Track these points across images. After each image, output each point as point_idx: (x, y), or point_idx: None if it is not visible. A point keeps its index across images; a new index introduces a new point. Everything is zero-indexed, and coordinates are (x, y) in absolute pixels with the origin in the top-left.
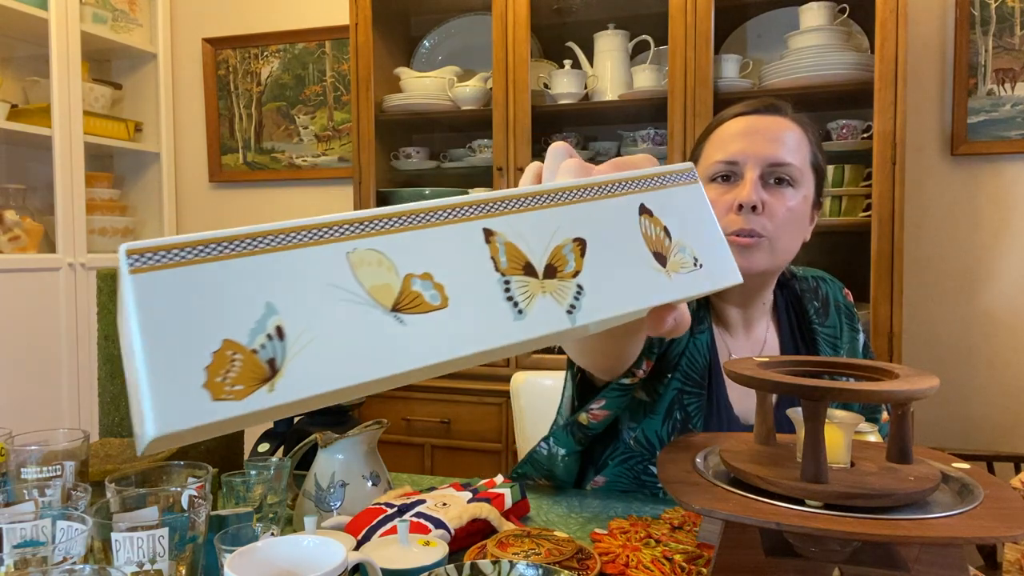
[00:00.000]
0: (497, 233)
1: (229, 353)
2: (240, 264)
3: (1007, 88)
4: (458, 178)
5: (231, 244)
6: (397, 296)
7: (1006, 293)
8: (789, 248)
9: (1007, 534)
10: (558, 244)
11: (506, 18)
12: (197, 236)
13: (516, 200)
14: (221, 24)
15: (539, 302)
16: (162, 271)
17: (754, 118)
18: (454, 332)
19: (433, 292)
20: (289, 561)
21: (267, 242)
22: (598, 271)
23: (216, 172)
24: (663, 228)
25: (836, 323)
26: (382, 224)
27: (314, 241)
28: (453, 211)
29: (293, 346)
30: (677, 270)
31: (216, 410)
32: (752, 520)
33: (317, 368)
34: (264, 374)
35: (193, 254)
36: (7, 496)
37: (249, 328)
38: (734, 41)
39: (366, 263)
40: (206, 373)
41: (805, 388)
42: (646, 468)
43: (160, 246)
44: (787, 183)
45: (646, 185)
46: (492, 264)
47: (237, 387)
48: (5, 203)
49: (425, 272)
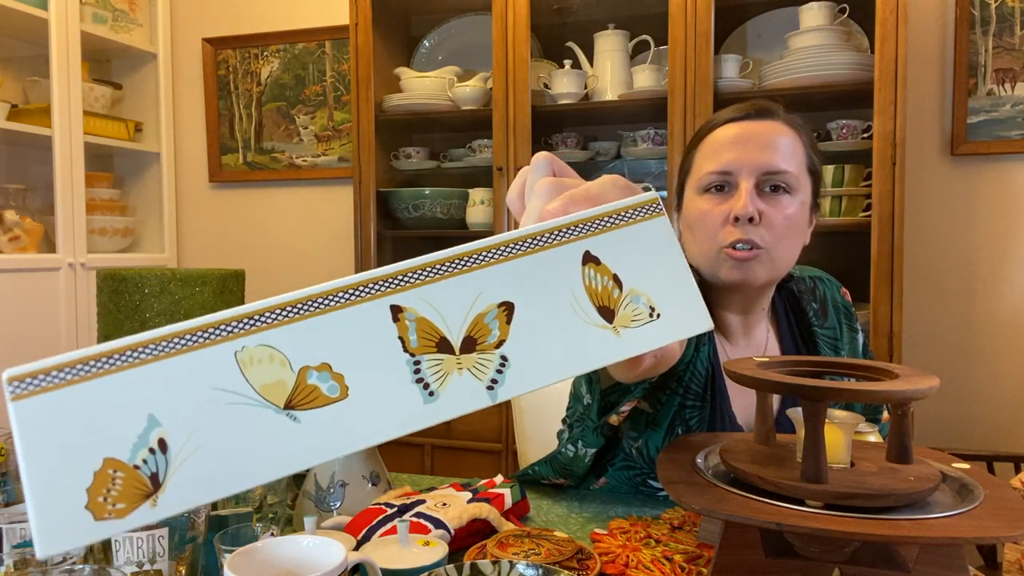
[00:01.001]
0: (407, 309)
1: (111, 471)
2: (121, 378)
3: (1007, 88)
4: (458, 178)
5: (112, 358)
6: (291, 392)
7: (1006, 293)
8: (789, 257)
9: (1007, 534)
10: (480, 312)
11: (506, 18)
12: (78, 354)
13: (430, 268)
14: (221, 24)
15: (454, 381)
16: (41, 395)
17: (746, 124)
18: (353, 425)
19: (331, 384)
20: (289, 561)
21: (150, 351)
22: (527, 338)
23: (216, 172)
24: (611, 276)
25: (835, 324)
26: (275, 316)
27: (200, 344)
28: (356, 291)
29: (176, 458)
30: (627, 324)
31: (99, 530)
32: (752, 520)
33: (201, 479)
34: (146, 490)
35: (73, 374)
36: (7, 496)
37: (131, 444)
38: (734, 41)
39: (256, 361)
40: (87, 494)
41: (805, 388)
42: (645, 481)
43: (40, 370)
44: (783, 190)
45: (595, 228)
46: (400, 344)
47: (119, 505)
48: (5, 203)
49: (323, 363)
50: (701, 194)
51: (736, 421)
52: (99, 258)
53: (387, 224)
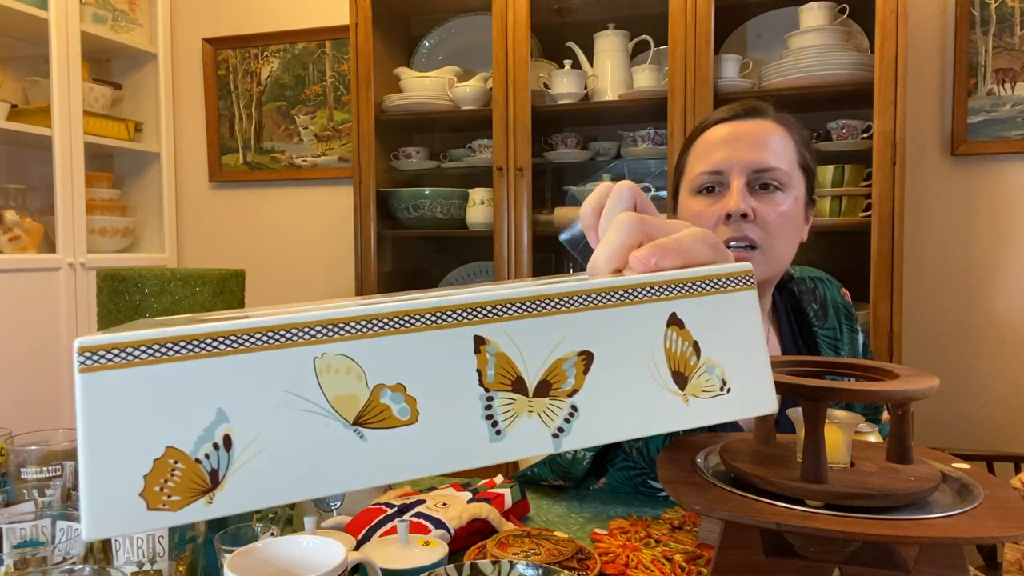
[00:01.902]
0: (489, 342)
1: (171, 462)
2: (196, 366)
3: (1007, 88)
4: (458, 178)
5: (191, 344)
6: (362, 408)
7: (1006, 293)
8: (785, 253)
9: (1007, 534)
10: (559, 357)
11: (506, 18)
12: (155, 333)
13: (519, 304)
14: (221, 24)
15: (522, 423)
16: (112, 372)
17: (736, 124)
18: (418, 452)
19: (403, 406)
20: (289, 561)
21: (230, 343)
22: (600, 391)
23: (216, 172)
24: (692, 343)
25: (835, 324)
26: (360, 327)
27: (281, 344)
28: (444, 315)
29: (239, 458)
30: (697, 394)
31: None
32: (752, 520)
33: (260, 483)
34: (204, 486)
35: (148, 354)
36: (7, 496)
37: (196, 436)
38: (734, 41)
39: (333, 370)
40: (144, 482)
41: (805, 388)
42: (645, 481)
43: (114, 344)
44: (775, 187)
45: (686, 290)
46: (477, 377)
47: (174, 498)
48: (5, 203)
49: (398, 383)
50: (694, 195)
51: (737, 422)
52: (99, 258)
53: (387, 224)
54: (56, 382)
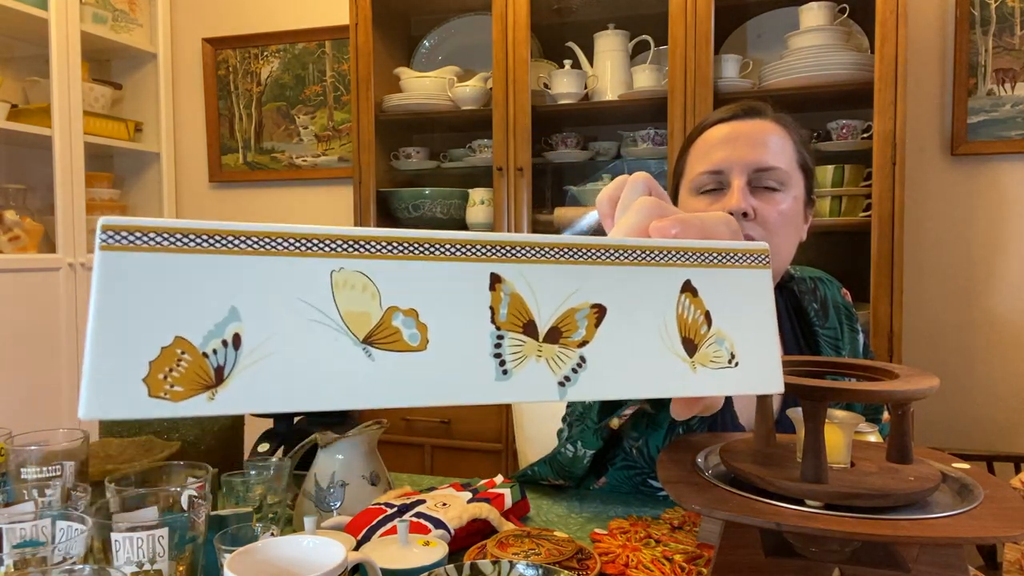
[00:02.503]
0: (505, 281)
1: (178, 351)
2: (214, 261)
3: (1007, 88)
4: (458, 178)
5: (212, 238)
6: (373, 328)
7: (1006, 293)
8: (786, 253)
9: (1007, 534)
10: (573, 307)
11: (506, 18)
12: (180, 223)
13: (538, 248)
14: (221, 24)
15: (530, 366)
16: (132, 253)
17: (735, 124)
18: (423, 380)
19: (414, 332)
20: (289, 561)
21: (252, 243)
22: (610, 346)
23: (216, 172)
24: (704, 312)
25: (836, 324)
26: (379, 247)
27: (300, 251)
28: (463, 247)
29: (246, 358)
30: (705, 363)
31: (149, 407)
32: (752, 520)
33: (264, 386)
34: (208, 381)
35: (170, 241)
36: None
37: (206, 330)
38: (734, 41)
39: (349, 286)
40: (149, 367)
41: (805, 388)
42: (645, 480)
43: (137, 227)
44: (775, 187)
45: (702, 259)
46: (489, 314)
47: (177, 388)
48: (5, 203)
49: (411, 308)
50: (695, 195)
51: (738, 421)
52: None
53: (387, 224)
54: (56, 382)
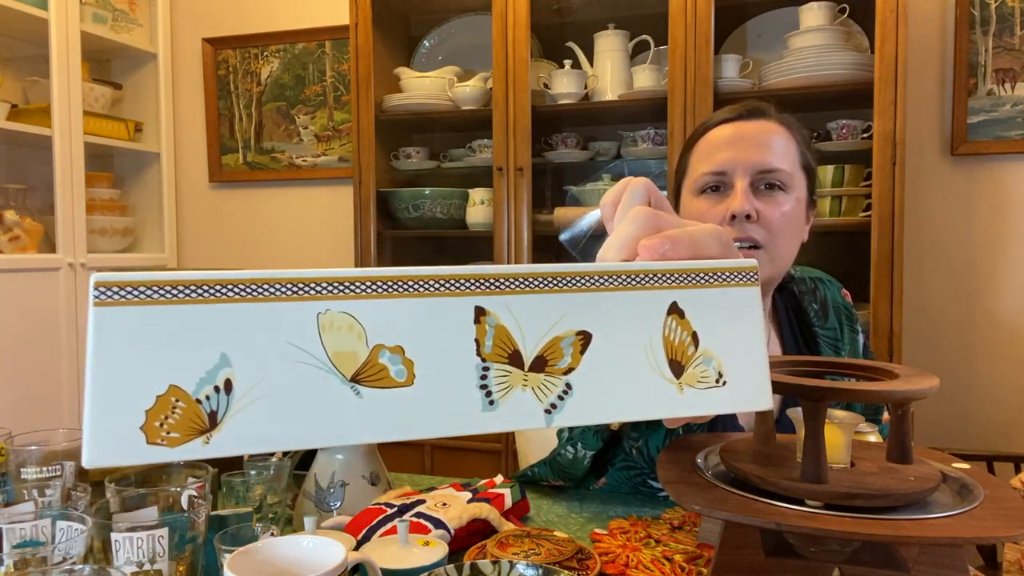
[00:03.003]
0: (490, 313)
1: (173, 399)
2: (204, 310)
3: (1007, 88)
4: (458, 178)
5: (201, 288)
6: (360, 366)
7: (1006, 293)
8: (788, 254)
9: (1007, 534)
10: (558, 335)
11: (506, 18)
12: (170, 275)
13: (522, 279)
14: (221, 24)
15: (516, 396)
16: (125, 308)
17: (739, 124)
18: (411, 414)
19: (400, 368)
20: (289, 561)
21: (239, 291)
22: (595, 371)
23: (216, 172)
24: (691, 333)
25: (836, 325)
26: (364, 288)
27: (287, 296)
28: (447, 283)
29: (238, 402)
30: (693, 384)
31: (147, 454)
32: (752, 520)
33: (256, 428)
34: (203, 426)
35: (160, 294)
36: (7, 496)
37: (199, 377)
38: (734, 41)
39: (336, 327)
40: (145, 416)
41: (805, 388)
42: (645, 481)
43: (129, 282)
44: (778, 188)
45: (689, 280)
46: (475, 347)
47: (173, 434)
48: (5, 203)
49: (397, 345)
50: (697, 195)
51: (738, 421)
52: (99, 258)
53: (387, 224)
54: (56, 382)
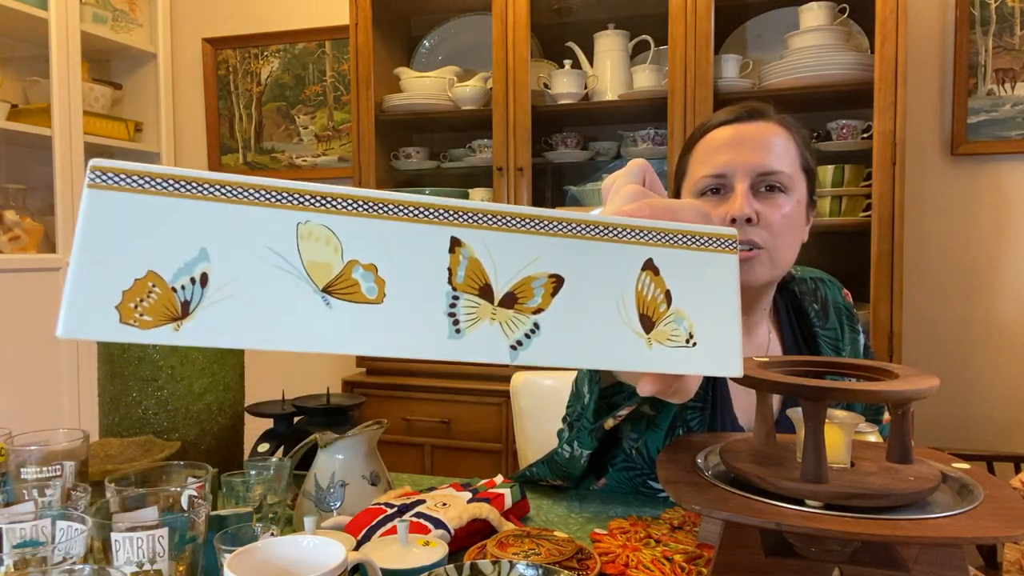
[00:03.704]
0: (465, 245)
1: (150, 284)
2: (189, 205)
3: (1007, 88)
4: (458, 178)
5: (191, 184)
6: (333, 278)
7: (1006, 293)
8: (788, 255)
9: (1007, 534)
10: (530, 275)
11: (506, 18)
12: (161, 169)
13: (501, 217)
14: (221, 24)
15: (483, 328)
16: (116, 192)
17: (738, 126)
18: (377, 331)
19: (372, 285)
20: (289, 561)
21: (224, 191)
22: (564, 315)
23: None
24: (664, 291)
25: (836, 325)
26: (345, 204)
27: (270, 203)
28: (427, 211)
29: (211, 296)
30: (662, 340)
31: (118, 332)
32: (752, 520)
33: (225, 323)
34: (175, 313)
35: (151, 184)
36: (7, 496)
37: (176, 267)
38: (734, 41)
39: (314, 238)
40: (122, 296)
41: (805, 388)
42: (645, 482)
43: (124, 169)
44: (779, 190)
45: (667, 240)
46: (447, 275)
47: (145, 317)
48: (5, 203)
49: (371, 263)
50: (697, 198)
51: (738, 422)
52: None
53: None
54: (56, 382)
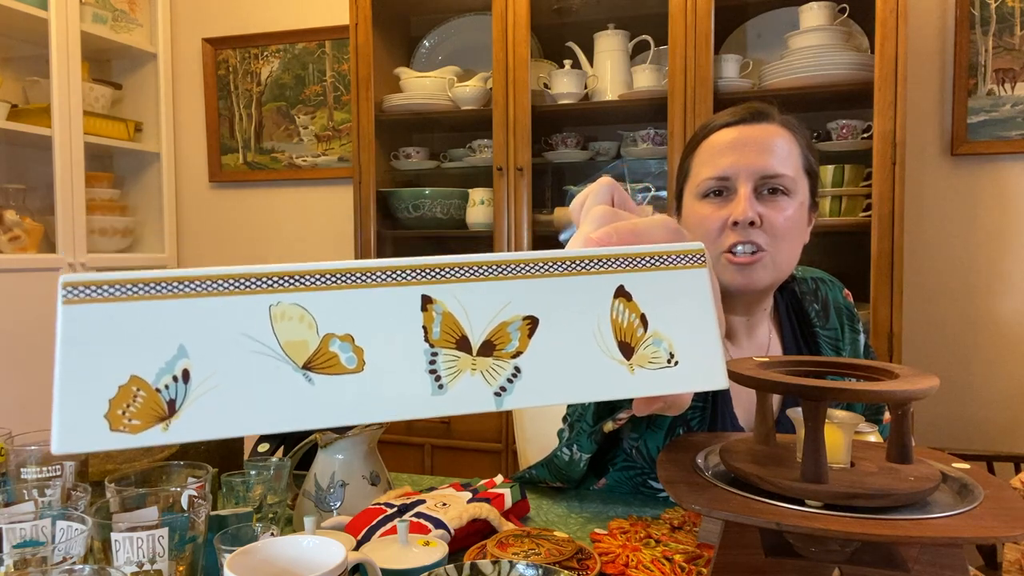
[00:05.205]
0: (436, 301)
1: (134, 389)
2: (163, 306)
3: (1007, 88)
4: (458, 178)
5: (159, 285)
6: (312, 354)
7: (1006, 293)
8: (791, 258)
9: (1007, 534)
10: (504, 320)
11: (506, 18)
12: (130, 275)
13: (466, 268)
14: (221, 24)
15: (465, 380)
16: (91, 305)
17: (741, 128)
18: (362, 399)
19: (350, 355)
20: (289, 561)
21: (195, 287)
22: (544, 355)
23: (216, 172)
24: (639, 316)
25: (836, 325)
26: (314, 280)
27: (240, 291)
28: (394, 273)
29: (195, 391)
30: (644, 364)
31: (111, 440)
32: (752, 520)
33: (212, 415)
34: (162, 413)
35: (123, 291)
36: (7, 496)
37: (158, 368)
38: (734, 41)
39: (287, 317)
40: (108, 404)
41: (805, 388)
42: (645, 481)
43: (94, 281)
44: (781, 193)
45: (634, 264)
46: (423, 334)
47: (134, 422)
48: (5, 203)
49: (347, 333)
50: (700, 199)
51: (738, 422)
52: (99, 258)
53: (387, 224)
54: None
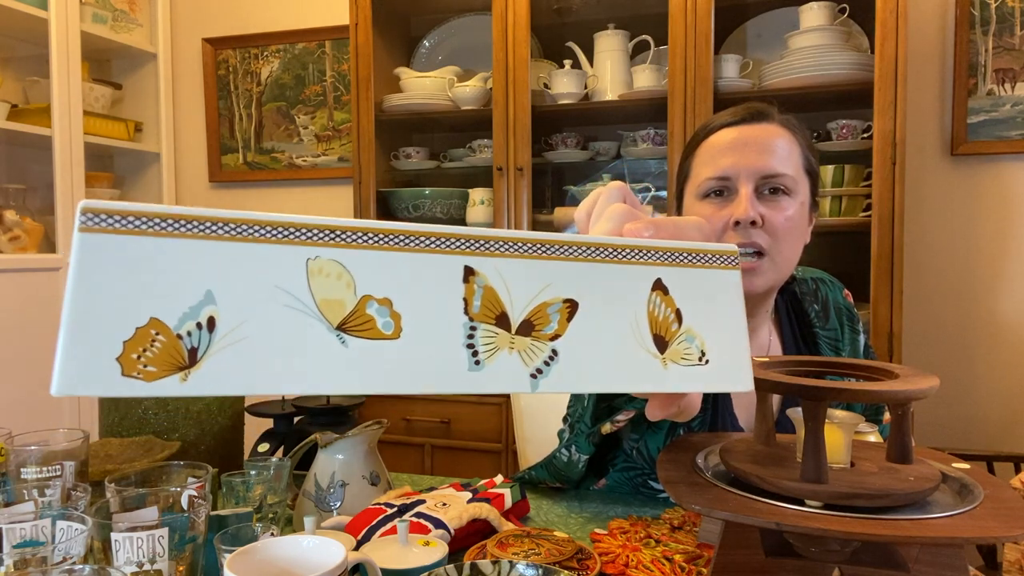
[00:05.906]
0: (479, 274)
1: (153, 332)
2: (193, 245)
3: (1007, 88)
4: (458, 178)
5: (191, 223)
6: (347, 315)
7: (1006, 293)
8: (791, 258)
9: (1007, 534)
10: (545, 301)
11: (506, 18)
12: (158, 208)
13: (512, 243)
14: (221, 24)
15: (502, 358)
16: (110, 235)
17: (742, 128)
18: (396, 367)
19: (388, 320)
20: (289, 561)
21: (230, 229)
22: (582, 340)
23: (216, 172)
24: (675, 310)
25: (837, 326)
26: (355, 237)
27: (277, 239)
28: (438, 240)
29: (220, 341)
30: (676, 360)
31: (120, 386)
32: (752, 520)
33: (236, 369)
34: (182, 362)
35: (148, 225)
36: (7, 496)
37: (181, 312)
38: (734, 41)
39: (324, 273)
40: (123, 347)
41: (805, 388)
42: (645, 482)
43: (116, 210)
44: (782, 193)
45: (673, 259)
46: (463, 306)
47: (150, 368)
48: (5, 203)
49: (385, 297)
50: (701, 200)
51: (738, 423)
52: None
53: None
54: None
